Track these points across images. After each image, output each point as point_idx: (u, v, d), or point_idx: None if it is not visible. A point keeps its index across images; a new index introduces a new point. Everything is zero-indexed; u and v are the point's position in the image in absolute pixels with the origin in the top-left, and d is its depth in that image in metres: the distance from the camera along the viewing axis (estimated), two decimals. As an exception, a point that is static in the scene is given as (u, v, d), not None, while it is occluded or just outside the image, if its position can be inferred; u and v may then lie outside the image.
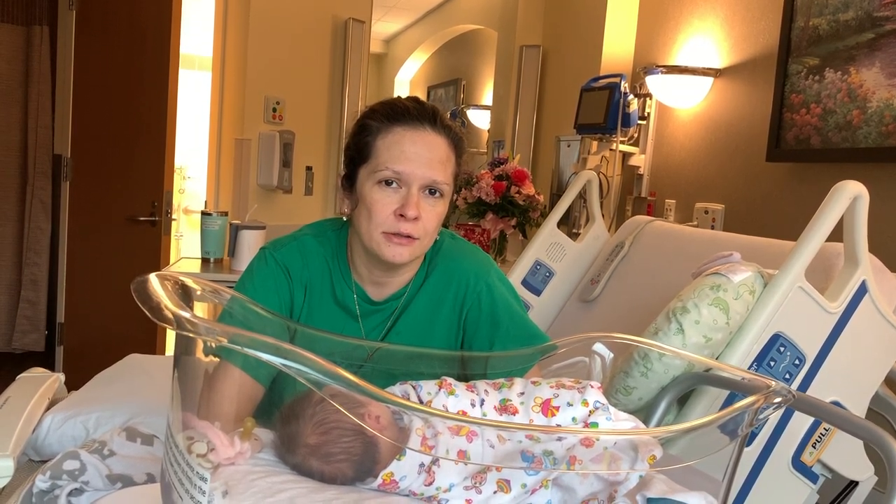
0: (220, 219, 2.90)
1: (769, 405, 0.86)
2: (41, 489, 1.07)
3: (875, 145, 2.11)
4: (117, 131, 3.48)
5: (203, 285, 1.02)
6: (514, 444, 0.98)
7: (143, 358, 1.88)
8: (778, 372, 1.37)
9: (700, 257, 1.49)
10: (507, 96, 4.20)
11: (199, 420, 0.91)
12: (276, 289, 1.27)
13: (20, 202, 3.31)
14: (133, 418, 1.42)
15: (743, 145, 2.72)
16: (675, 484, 0.96)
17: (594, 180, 2.21)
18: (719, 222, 2.78)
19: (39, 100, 3.28)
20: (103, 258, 3.47)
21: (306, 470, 1.00)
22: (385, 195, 1.20)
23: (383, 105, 1.25)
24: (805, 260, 1.36)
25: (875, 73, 2.12)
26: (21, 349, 3.31)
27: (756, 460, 1.37)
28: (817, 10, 2.34)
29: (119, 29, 3.46)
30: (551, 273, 2.13)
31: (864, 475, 1.50)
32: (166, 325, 0.76)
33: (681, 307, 1.35)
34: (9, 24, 3.23)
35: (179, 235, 6.34)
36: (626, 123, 3.08)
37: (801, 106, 2.38)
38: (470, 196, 3.34)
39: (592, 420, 1.02)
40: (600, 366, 1.23)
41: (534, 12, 4.06)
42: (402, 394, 1.11)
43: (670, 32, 3.17)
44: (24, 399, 1.38)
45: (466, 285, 1.31)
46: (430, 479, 0.98)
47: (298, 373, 0.74)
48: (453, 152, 1.25)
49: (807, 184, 2.42)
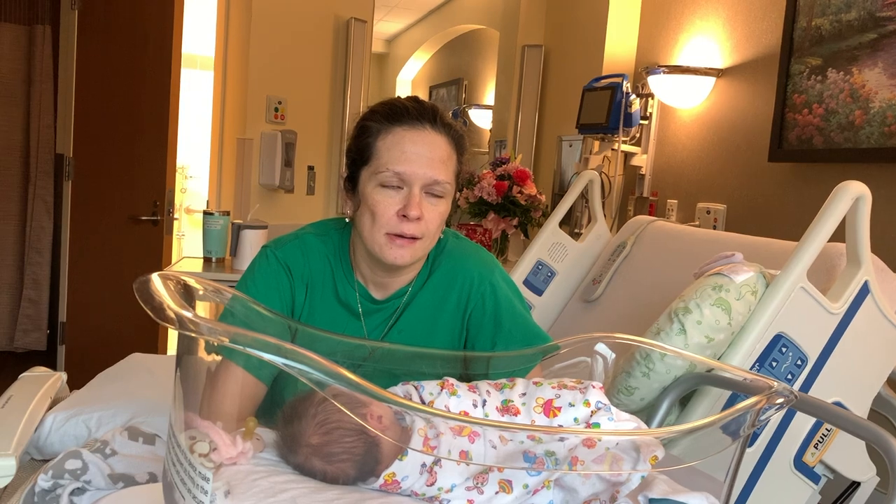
0: (221, 218, 2.91)
1: (771, 406, 0.86)
2: (43, 488, 1.07)
3: (877, 145, 2.11)
4: (119, 131, 3.49)
5: (205, 285, 1.02)
6: (516, 445, 0.98)
7: (145, 357, 1.88)
8: (780, 372, 1.37)
9: (702, 257, 1.49)
10: (508, 96, 4.20)
11: (201, 419, 0.91)
12: (278, 287, 1.27)
13: (22, 201, 3.31)
14: (135, 418, 1.42)
15: (745, 145, 2.71)
16: (677, 484, 0.96)
17: (596, 180, 2.21)
18: (721, 222, 2.78)
19: (41, 99, 3.28)
20: (105, 257, 3.48)
21: (308, 470, 1.00)
22: (387, 196, 1.20)
23: (383, 106, 1.25)
24: (807, 260, 1.36)
25: (877, 73, 2.12)
26: (23, 348, 3.31)
27: (758, 461, 1.37)
28: (820, 10, 2.34)
29: (121, 28, 3.46)
30: (553, 273, 2.13)
31: (866, 476, 1.50)
32: (168, 324, 0.76)
33: (683, 307, 1.35)
34: (11, 23, 3.23)
35: (181, 235, 6.35)
36: (628, 123, 3.08)
37: (803, 106, 2.38)
38: (472, 196, 3.34)
39: (594, 420, 1.02)
40: (602, 366, 1.23)
41: (536, 12, 4.06)
42: (405, 394, 1.11)
43: (672, 32, 3.17)
44: (26, 398, 1.38)
45: (470, 285, 1.31)
46: (432, 480, 0.98)
47: (300, 373, 0.74)
48: (454, 151, 1.25)
49: (809, 184, 2.42)
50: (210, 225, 2.90)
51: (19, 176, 3.31)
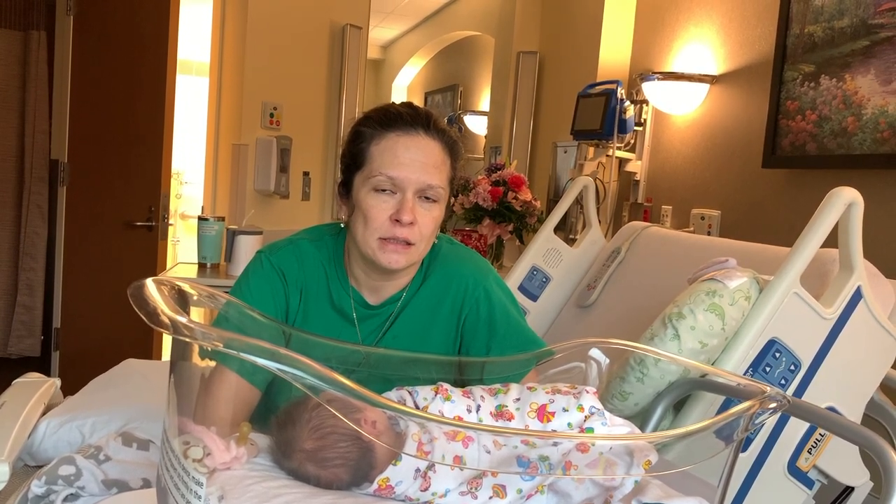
0: (216, 224, 2.91)
1: (764, 410, 0.86)
2: (37, 494, 1.07)
3: (870, 152, 2.12)
4: (114, 136, 3.48)
5: (199, 290, 1.02)
6: (510, 450, 0.98)
7: (140, 363, 1.87)
8: (773, 378, 1.37)
9: (696, 263, 1.49)
10: (504, 102, 4.21)
11: (195, 424, 0.91)
12: (272, 292, 1.27)
13: (17, 207, 3.31)
14: (129, 423, 1.41)
15: (739, 152, 2.73)
16: (670, 489, 0.96)
17: (591, 186, 2.22)
18: (715, 228, 2.79)
19: (36, 105, 3.28)
20: (100, 263, 3.47)
21: (302, 475, 1.00)
22: (380, 201, 1.20)
23: (377, 111, 1.25)
24: (800, 266, 1.37)
25: (870, 80, 2.13)
26: (17, 354, 3.30)
27: (752, 466, 1.38)
28: (812, 18, 2.35)
29: (116, 34, 3.46)
30: (548, 278, 2.13)
31: (860, 481, 1.50)
32: (162, 329, 0.76)
33: (677, 313, 1.35)
34: (6, 28, 3.23)
35: (176, 240, 6.33)
36: (622, 129, 3.09)
37: (796, 112, 2.40)
38: (467, 202, 3.34)
39: (588, 425, 1.02)
40: (596, 371, 1.23)
41: (531, 19, 4.08)
42: (399, 399, 1.11)
43: (667, 39, 3.18)
44: (19, 404, 1.38)
45: (465, 290, 1.31)
46: (426, 485, 0.98)
47: (294, 378, 0.74)
48: (448, 156, 1.25)
49: (802, 190, 2.43)
50: (205, 230, 2.90)
51: (14, 181, 3.31)
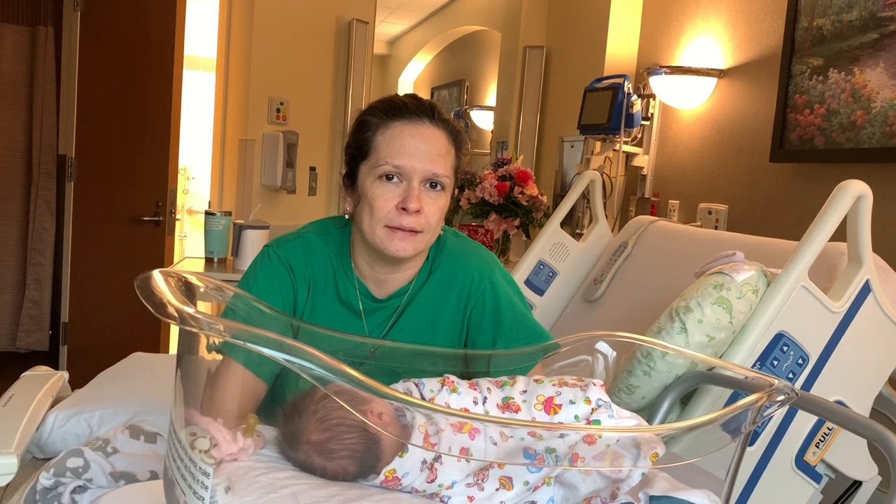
0: (223, 219, 2.91)
1: (772, 403, 0.86)
2: (45, 486, 1.07)
3: (879, 145, 2.10)
4: (121, 132, 3.49)
5: (206, 282, 1.02)
6: (517, 442, 0.98)
7: (147, 356, 1.88)
8: (781, 371, 1.36)
9: (703, 257, 1.49)
10: (510, 97, 4.20)
11: (201, 416, 0.91)
12: (280, 286, 1.27)
13: (24, 202, 3.32)
14: (136, 416, 1.42)
15: (746, 146, 2.71)
16: (677, 482, 0.96)
17: (597, 181, 2.21)
18: (723, 223, 2.78)
19: (44, 100, 3.29)
20: (107, 258, 3.48)
21: (309, 466, 1.00)
22: (386, 189, 1.20)
23: (382, 102, 1.26)
24: (808, 259, 1.36)
25: (879, 73, 2.12)
26: (25, 349, 3.32)
27: (759, 459, 1.37)
28: (821, 11, 2.34)
29: (123, 30, 3.47)
30: (554, 273, 2.13)
31: (868, 475, 1.50)
32: (169, 320, 0.76)
33: (684, 306, 1.35)
34: (14, 24, 3.24)
35: (183, 235, 6.36)
36: (629, 124, 3.08)
37: (804, 106, 2.38)
38: (473, 196, 3.34)
39: (595, 418, 1.02)
40: (603, 364, 1.23)
41: (537, 13, 4.07)
42: (405, 391, 1.11)
43: (674, 33, 3.17)
44: (28, 397, 1.38)
45: (471, 283, 1.31)
46: (433, 476, 0.98)
47: (302, 369, 0.74)
48: (453, 145, 1.25)
49: (810, 184, 2.42)
50: (212, 225, 2.91)
51: (22, 177, 3.32)
